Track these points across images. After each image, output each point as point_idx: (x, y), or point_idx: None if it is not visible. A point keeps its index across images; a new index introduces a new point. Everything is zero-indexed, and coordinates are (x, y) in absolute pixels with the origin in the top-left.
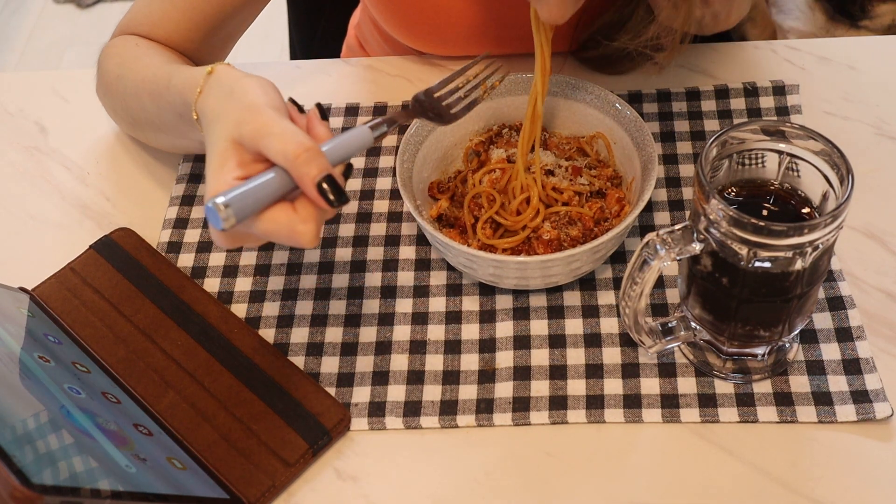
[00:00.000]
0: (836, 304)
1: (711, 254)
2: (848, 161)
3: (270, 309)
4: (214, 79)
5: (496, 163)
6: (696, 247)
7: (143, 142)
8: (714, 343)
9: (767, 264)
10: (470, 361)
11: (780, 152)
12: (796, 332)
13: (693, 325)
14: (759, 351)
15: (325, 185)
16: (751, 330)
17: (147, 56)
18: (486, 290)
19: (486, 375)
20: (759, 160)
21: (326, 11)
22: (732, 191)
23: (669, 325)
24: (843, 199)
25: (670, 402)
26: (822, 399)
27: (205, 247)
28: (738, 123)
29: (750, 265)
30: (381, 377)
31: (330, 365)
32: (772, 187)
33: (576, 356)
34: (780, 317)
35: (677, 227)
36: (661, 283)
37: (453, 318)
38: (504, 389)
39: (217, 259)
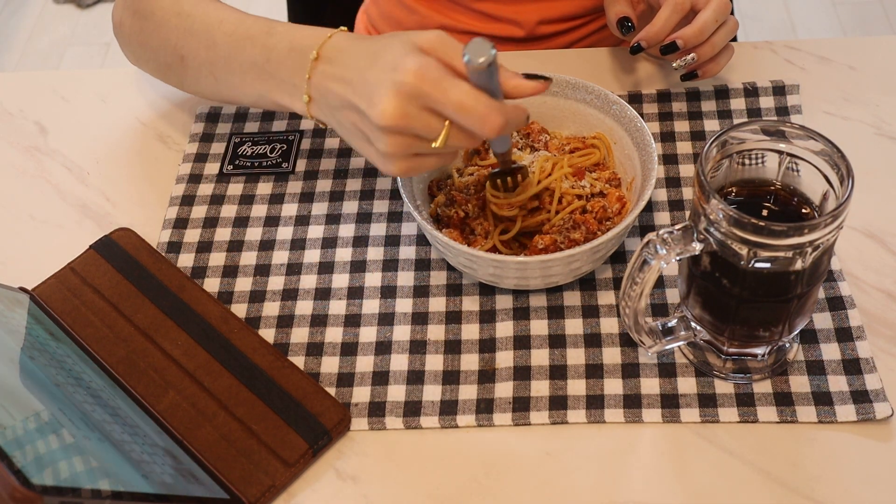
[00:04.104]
0: (836, 304)
1: (711, 254)
2: (848, 161)
3: (270, 309)
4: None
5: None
6: (696, 247)
7: (168, 81)
8: (714, 343)
9: (767, 264)
10: (470, 361)
11: (780, 152)
12: (796, 332)
13: (693, 325)
14: (759, 351)
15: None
16: (751, 330)
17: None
18: (486, 290)
19: (486, 375)
20: (760, 160)
21: (328, 12)
22: (732, 191)
23: (669, 325)
24: (843, 198)
25: (670, 402)
26: (822, 399)
27: (205, 247)
28: (738, 123)
29: (750, 265)
30: (381, 377)
31: (330, 365)
32: (772, 187)
33: (576, 356)
34: (780, 317)
35: (677, 227)
36: (660, 282)
37: (453, 318)
38: (504, 389)
39: (217, 259)
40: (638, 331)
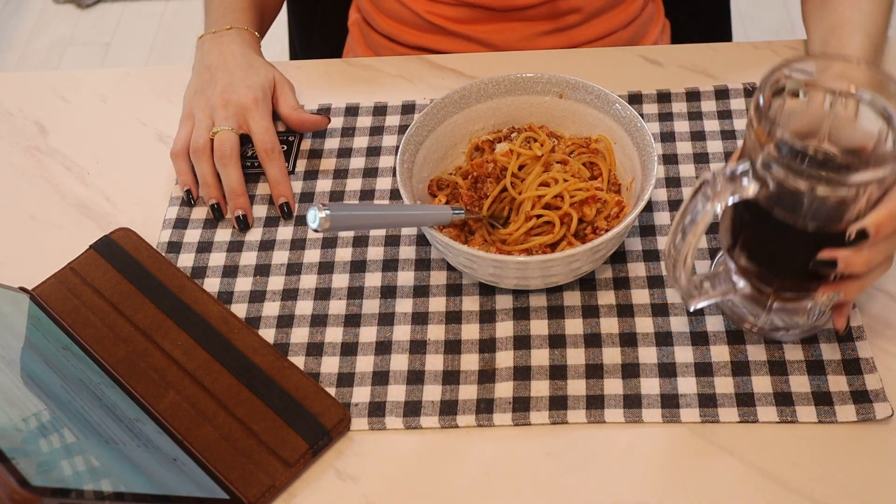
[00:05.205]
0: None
1: (766, 196)
2: None
3: (270, 309)
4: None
5: (499, 154)
6: (753, 187)
7: None
8: (756, 298)
9: (826, 206)
10: (470, 361)
11: (834, 92)
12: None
13: (734, 278)
14: (808, 304)
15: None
16: (802, 280)
17: None
18: (486, 290)
19: (486, 375)
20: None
21: (322, 9)
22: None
23: (710, 278)
24: None
25: (670, 402)
26: (822, 399)
27: (205, 247)
28: (791, 59)
29: (809, 206)
30: (381, 377)
31: (330, 365)
32: (820, 139)
33: (576, 356)
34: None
35: (734, 166)
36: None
37: (453, 318)
38: (504, 389)
39: (217, 259)
40: (683, 284)
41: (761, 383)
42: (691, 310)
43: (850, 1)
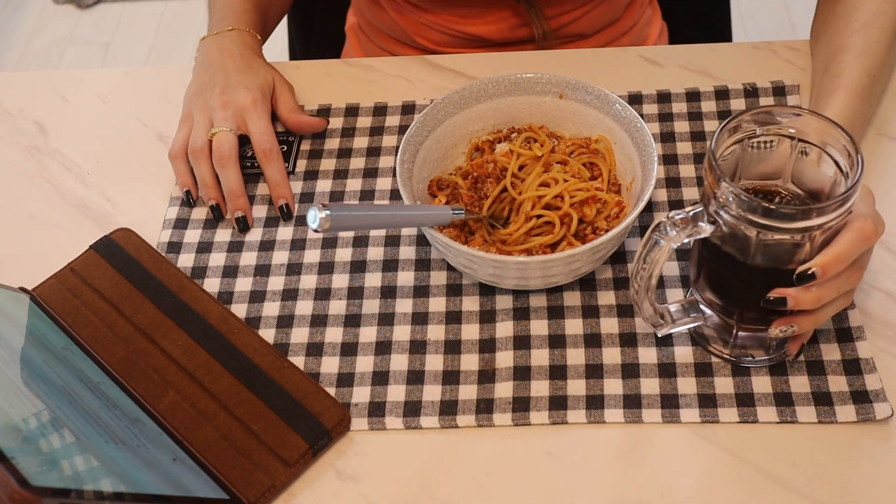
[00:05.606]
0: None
1: (721, 236)
2: (858, 146)
3: (270, 309)
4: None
5: (499, 155)
6: (707, 228)
7: None
8: (724, 326)
9: (776, 247)
10: (470, 361)
11: (791, 137)
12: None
13: (703, 307)
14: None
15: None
16: (760, 313)
17: None
18: (486, 290)
19: (486, 375)
20: (771, 145)
21: (320, 15)
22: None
23: (679, 307)
24: (852, 182)
25: (670, 402)
26: (822, 399)
27: (205, 247)
28: (750, 109)
29: (759, 248)
30: (381, 377)
31: (330, 365)
32: (781, 182)
33: (576, 356)
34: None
35: (689, 210)
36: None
37: (453, 318)
38: (504, 389)
39: (217, 259)
40: (647, 312)
41: (761, 383)
42: (660, 335)
43: (860, 22)
